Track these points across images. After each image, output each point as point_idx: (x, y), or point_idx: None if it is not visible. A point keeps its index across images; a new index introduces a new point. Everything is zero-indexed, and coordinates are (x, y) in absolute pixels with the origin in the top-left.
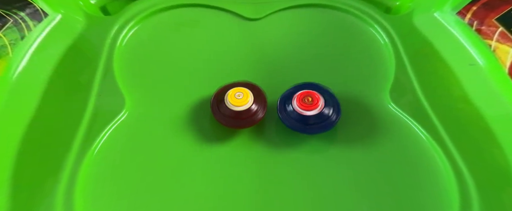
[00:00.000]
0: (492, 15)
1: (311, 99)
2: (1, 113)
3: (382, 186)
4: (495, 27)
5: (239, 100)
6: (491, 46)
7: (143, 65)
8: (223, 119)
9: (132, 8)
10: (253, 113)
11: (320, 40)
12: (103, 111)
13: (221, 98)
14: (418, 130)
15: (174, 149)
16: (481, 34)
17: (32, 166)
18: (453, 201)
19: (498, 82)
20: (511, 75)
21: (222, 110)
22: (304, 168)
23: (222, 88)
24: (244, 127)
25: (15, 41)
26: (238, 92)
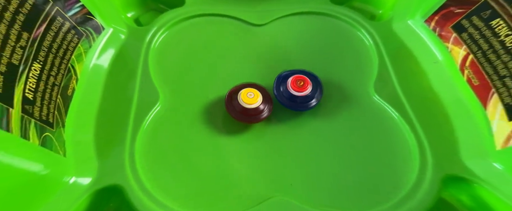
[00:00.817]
0: (448, 24)
1: (303, 83)
2: (82, 97)
3: (364, 152)
4: (450, 33)
5: (250, 99)
6: (448, 48)
7: (171, 66)
8: (235, 114)
9: (161, 19)
10: (260, 112)
11: (316, 42)
12: (145, 102)
13: (235, 95)
14: (392, 112)
15: (195, 133)
16: (441, 38)
17: (106, 130)
18: (414, 162)
19: (452, 75)
20: (461, 70)
21: (234, 105)
22: (302, 145)
23: (237, 87)
24: (251, 122)
25: (86, 49)
26: (250, 92)
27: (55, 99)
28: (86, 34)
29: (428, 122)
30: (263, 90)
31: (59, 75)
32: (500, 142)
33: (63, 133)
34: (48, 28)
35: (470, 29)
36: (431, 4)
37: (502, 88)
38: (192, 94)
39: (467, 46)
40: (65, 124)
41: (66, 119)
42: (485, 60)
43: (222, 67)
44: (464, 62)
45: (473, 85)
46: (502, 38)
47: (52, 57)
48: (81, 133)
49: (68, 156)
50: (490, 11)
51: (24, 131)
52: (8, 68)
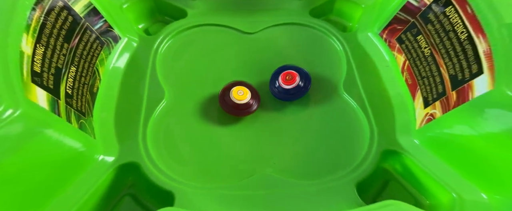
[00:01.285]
0: (394, 37)
1: (290, 77)
2: (104, 94)
3: (332, 135)
4: (395, 44)
5: (240, 95)
6: (394, 55)
7: (174, 68)
8: (227, 108)
9: (166, 29)
10: (250, 106)
11: (298, 48)
12: (153, 97)
13: (227, 93)
14: (354, 105)
15: (195, 123)
16: (390, 48)
17: (123, 122)
18: (366, 140)
19: (396, 76)
20: (401, 72)
21: (227, 101)
22: (284, 132)
23: (228, 85)
24: (243, 115)
25: (107, 55)
26: (240, 89)
27: (85, 95)
28: (107, 43)
29: (378, 111)
30: (251, 88)
31: (88, 76)
32: (418, 124)
33: (92, 121)
34: (81, 39)
35: (406, 42)
36: (383, 20)
37: (422, 86)
38: (193, 92)
39: (405, 54)
40: (93, 114)
41: (93, 110)
42: (414, 65)
43: (219, 69)
44: (403, 66)
45: (408, 84)
46: (423, 50)
47: (83, 62)
48: (104, 120)
49: (97, 138)
50: (416, 29)
51: (68, 117)
52: (56, 71)
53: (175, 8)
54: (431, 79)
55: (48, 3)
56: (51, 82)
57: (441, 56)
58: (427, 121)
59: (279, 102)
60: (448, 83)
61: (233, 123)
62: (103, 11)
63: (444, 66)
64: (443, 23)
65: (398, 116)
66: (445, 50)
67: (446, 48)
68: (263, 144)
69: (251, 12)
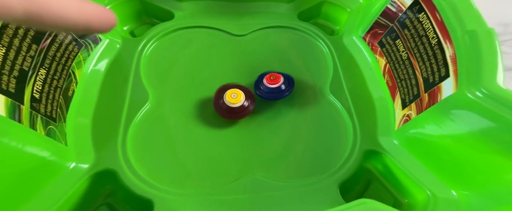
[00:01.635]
0: (376, 40)
1: (274, 77)
2: (81, 98)
3: (318, 136)
4: (377, 47)
5: (234, 99)
6: (376, 58)
7: (160, 70)
8: (221, 112)
9: (152, 31)
10: (244, 109)
11: (286, 51)
12: (136, 101)
13: (221, 96)
14: (340, 106)
15: (179, 126)
16: (373, 51)
17: (101, 127)
18: (349, 141)
19: (378, 79)
20: (383, 75)
21: (221, 105)
22: (271, 136)
23: (221, 88)
24: (237, 119)
25: (85, 57)
26: (233, 92)
27: (57, 99)
28: (85, 45)
29: (362, 112)
30: (245, 90)
31: (61, 79)
32: (397, 125)
33: (65, 127)
34: (53, 40)
35: (386, 45)
36: (366, 24)
37: (401, 88)
38: (178, 95)
39: (385, 57)
40: (66, 120)
41: (67, 115)
42: (394, 68)
43: (206, 72)
44: (384, 69)
45: (389, 86)
46: (400, 53)
47: (55, 64)
48: (80, 125)
49: (69, 145)
50: (394, 33)
51: (32, 123)
52: (20, 73)
53: (162, 10)
54: (408, 81)
55: None
56: (13, 85)
57: (416, 59)
58: (404, 122)
59: (264, 105)
60: (422, 85)
61: (217, 126)
62: None
63: (418, 69)
64: (417, 29)
65: (380, 117)
66: (419, 54)
67: (420, 52)
68: (248, 147)
69: (240, 14)
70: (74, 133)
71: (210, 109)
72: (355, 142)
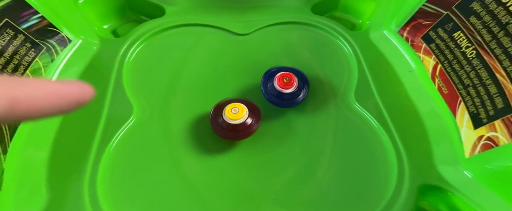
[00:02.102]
0: (418, 35)
1: (289, 79)
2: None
3: (345, 162)
4: (421, 43)
5: (235, 114)
6: (420, 57)
7: (148, 78)
8: (220, 132)
9: (138, 30)
10: (248, 126)
11: (298, 51)
12: (115, 117)
13: (219, 113)
14: (373, 122)
15: (175, 150)
16: (414, 48)
17: (63, 160)
18: (393, 171)
19: (425, 83)
20: (432, 78)
21: (220, 123)
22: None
23: (219, 104)
24: (239, 139)
25: (47, 63)
26: (234, 107)
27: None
28: (46, 48)
29: (406, 131)
30: (250, 105)
31: None
32: (468, 150)
33: (3, 160)
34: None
35: (437, 40)
36: (403, 15)
37: (467, 97)
38: (170, 106)
39: (436, 56)
40: (8, 149)
41: (10, 143)
42: (451, 69)
43: (202, 79)
44: (434, 71)
45: (444, 94)
46: (463, 50)
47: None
48: (31, 156)
49: (5, 187)
50: (452, 24)
51: None
52: None
53: (151, 4)
54: (481, 88)
55: None
56: None
57: (495, 58)
58: (485, 148)
59: (271, 119)
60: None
61: (221, 148)
62: (37, 4)
63: (503, 72)
64: (496, 14)
65: (434, 138)
66: (503, 50)
67: (505, 48)
68: (256, 176)
69: (243, 10)
70: (19, 167)
71: (207, 127)
72: (401, 171)
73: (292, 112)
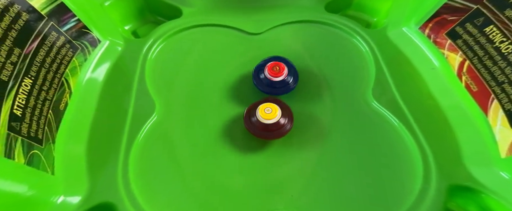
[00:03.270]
0: (442, 31)
1: (278, 68)
2: (76, 111)
3: (366, 160)
4: (445, 40)
5: (268, 114)
6: (444, 54)
7: (168, 76)
8: (253, 130)
9: (158, 30)
10: (281, 127)
11: (312, 50)
12: (141, 112)
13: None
14: (394, 121)
15: (192, 143)
16: (437, 45)
17: (99, 144)
18: (418, 170)
19: (450, 81)
20: (458, 76)
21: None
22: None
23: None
24: (270, 138)
25: (81, 63)
26: (267, 107)
27: (45, 115)
28: (81, 48)
29: (429, 128)
30: (284, 106)
31: (51, 90)
32: (505, 150)
33: (53, 149)
34: (42, 43)
35: (464, 35)
36: (425, 11)
37: (502, 94)
38: (188, 104)
39: (463, 52)
40: (56, 140)
41: (57, 135)
42: (482, 66)
43: (220, 77)
44: (461, 68)
45: (472, 91)
46: (497, 45)
47: (44, 71)
48: (72, 148)
49: (57, 173)
50: (483, 18)
51: (8, 150)
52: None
53: (169, 6)
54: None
55: None
56: None
57: None
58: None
59: (299, 122)
60: None
61: (241, 144)
62: (75, 8)
63: None
64: None
65: (462, 136)
66: None
67: None
68: (277, 172)
69: (257, 9)
70: (64, 157)
71: (227, 122)
72: (427, 170)
73: (312, 111)
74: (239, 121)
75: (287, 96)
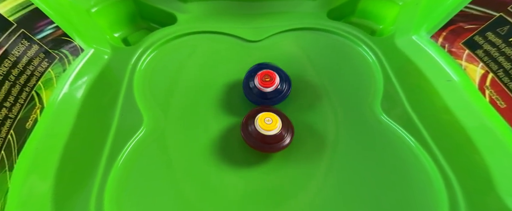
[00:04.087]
0: (459, 40)
1: (270, 77)
2: (46, 131)
3: (377, 190)
4: (462, 50)
5: (268, 125)
6: (462, 65)
7: (159, 87)
8: (251, 141)
9: (150, 38)
10: (282, 138)
11: (313, 58)
12: (125, 128)
13: (251, 120)
14: (409, 138)
15: (186, 160)
16: (453, 55)
17: (71, 171)
18: (441, 199)
19: (471, 96)
20: (480, 90)
21: (251, 132)
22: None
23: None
24: (268, 151)
25: (59, 73)
26: (267, 117)
27: (4, 136)
28: (59, 57)
29: (449, 148)
30: (280, 114)
31: (16, 106)
32: None
33: (8, 178)
34: (7, 53)
35: (485, 45)
36: (437, 19)
37: None
38: (180, 116)
39: (485, 64)
40: (15, 167)
41: (17, 160)
42: (510, 79)
43: (215, 85)
44: (483, 81)
45: (500, 108)
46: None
47: (8, 85)
48: (36, 178)
49: (8, 208)
50: (508, 26)
51: None
52: None
53: (162, 12)
54: None
55: None
56: None
57: None
58: None
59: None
60: None
61: (238, 162)
62: (53, 14)
63: None
64: None
65: (491, 159)
66: None
67: None
68: (276, 194)
69: (255, 16)
70: (23, 189)
71: (223, 138)
72: (453, 200)
73: (313, 124)
74: (235, 136)
75: (286, 108)
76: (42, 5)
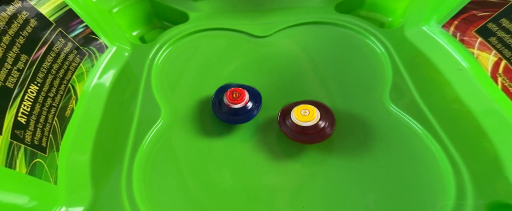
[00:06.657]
0: (471, 28)
1: (238, 94)
2: (81, 117)
3: (388, 173)
4: (475, 38)
5: (305, 116)
6: (474, 54)
7: (173, 81)
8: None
9: (164, 35)
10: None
11: (322, 52)
12: (146, 118)
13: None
14: (417, 127)
15: (200, 150)
16: (464, 44)
17: (103, 151)
18: (449, 186)
19: (483, 84)
20: (493, 77)
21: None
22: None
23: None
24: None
25: (88, 68)
26: (304, 108)
27: (51, 122)
28: (88, 54)
29: (459, 136)
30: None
31: (58, 96)
32: None
33: (57, 157)
34: (49, 49)
35: (499, 32)
36: (448, 8)
37: None
38: (193, 107)
39: (498, 51)
40: (60, 148)
41: (61, 142)
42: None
43: (226, 79)
44: (496, 68)
45: (511, 94)
46: None
47: (51, 78)
48: (77, 156)
49: (59, 183)
50: None
51: (10, 159)
52: (0, 92)
53: (176, 11)
54: None
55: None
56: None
57: None
58: None
59: None
60: None
61: (253, 150)
62: (83, 15)
63: None
64: None
65: (501, 146)
66: None
67: None
68: (290, 182)
69: (263, 12)
70: (68, 166)
71: (235, 127)
72: (461, 185)
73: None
74: (247, 126)
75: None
76: (74, 6)
